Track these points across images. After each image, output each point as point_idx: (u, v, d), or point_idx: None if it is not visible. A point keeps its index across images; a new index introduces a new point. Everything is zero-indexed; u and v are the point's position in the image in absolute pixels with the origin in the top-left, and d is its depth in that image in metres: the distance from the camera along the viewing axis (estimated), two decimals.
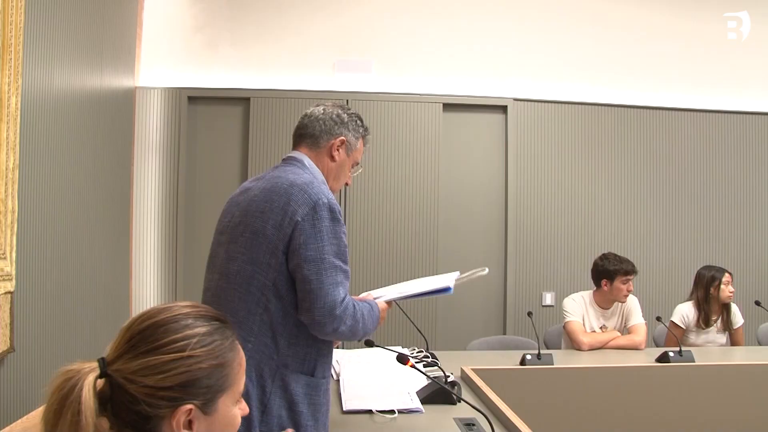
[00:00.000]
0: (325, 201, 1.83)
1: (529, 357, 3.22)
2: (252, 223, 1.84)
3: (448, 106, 4.90)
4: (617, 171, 5.04)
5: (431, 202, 4.84)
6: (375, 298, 2.08)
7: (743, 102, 5.16)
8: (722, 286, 4.02)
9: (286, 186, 1.86)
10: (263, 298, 1.80)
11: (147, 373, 1.01)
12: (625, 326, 3.86)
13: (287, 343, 1.82)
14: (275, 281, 1.80)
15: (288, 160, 2.05)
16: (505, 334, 4.72)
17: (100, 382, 1.01)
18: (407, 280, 4.58)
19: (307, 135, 2.07)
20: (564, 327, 3.85)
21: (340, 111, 2.09)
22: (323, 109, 2.08)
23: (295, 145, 2.11)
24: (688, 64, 5.12)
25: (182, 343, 1.05)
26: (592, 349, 3.69)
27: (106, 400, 1.01)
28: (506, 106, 4.93)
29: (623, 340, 3.77)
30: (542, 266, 4.94)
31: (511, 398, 2.46)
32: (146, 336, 1.04)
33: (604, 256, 3.88)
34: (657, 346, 4.12)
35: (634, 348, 3.72)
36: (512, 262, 4.90)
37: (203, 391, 1.06)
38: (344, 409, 2.42)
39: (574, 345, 3.75)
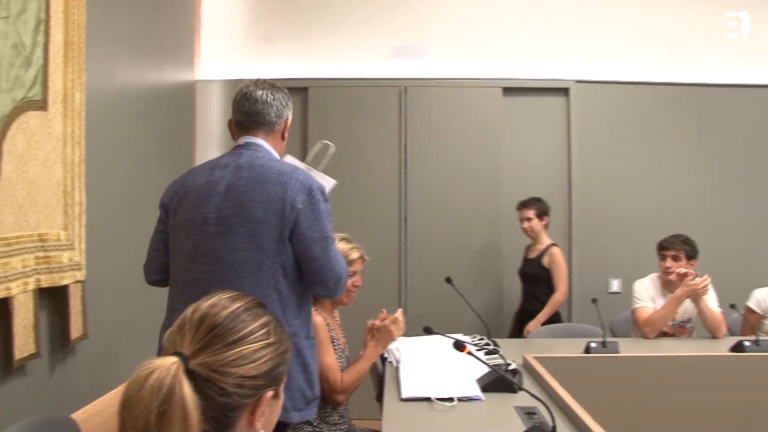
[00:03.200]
0: (316, 185, 2.02)
1: (593, 345, 3.13)
2: (251, 213, 1.96)
3: (509, 90, 4.82)
4: (687, 153, 4.85)
5: (493, 189, 4.77)
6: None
7: None
8: None
9: (275, 175, 1.99)
10: (272, 281, 1.96)
11: (239, 363, 1.01)
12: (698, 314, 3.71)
13: (294, 315, 2.02)
14: (283, 263, 1.97)
15: (251, 146, 2.13)
16: (570, 321, 4.63)
17: None
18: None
19: (264, 122, 2.15)
20: (632, 313, 3.74)
21: (281, 93, 2.20)
22: (269, 94, 2.16)
23: (250, 130, 2.16)
24: (765, 38, 4.87)
25: (263, 330, 1.06)
26: (659, 331, 3.56)
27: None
28: (568, 89, 4.81)
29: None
30: (608, 252, 4.81)
31: (574, 387, 2.40)
32: (229, 327, 1.03)
33: None
34: (733, 335, 3.95)
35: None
36: (577, 249, 4.79)
37: (278, 377, 1.08)
38: (402, 396, 2.41)
39: (640, 333, 3.64)
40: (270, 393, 1.06)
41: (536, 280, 4.23)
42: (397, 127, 4.80)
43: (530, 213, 4.25)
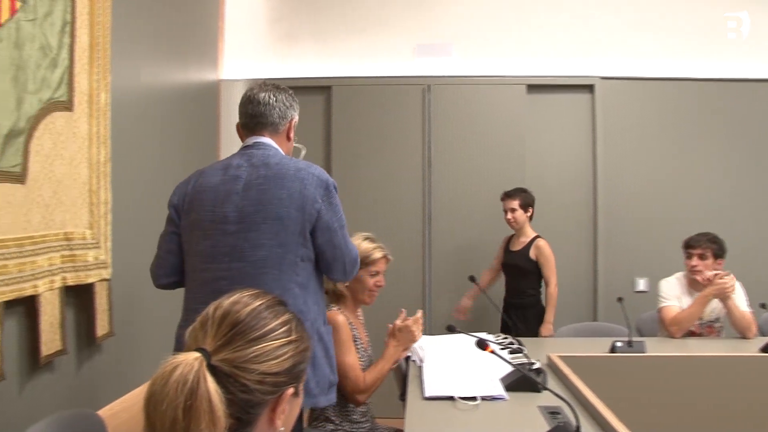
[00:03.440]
0: (331, 180, 2.11)
1: (619, 344, 3.10)
2: (273, 210, 2.02)
3: (532, 88, 4.78)
4: (715, 150, 4.77)
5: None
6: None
7: None
8: None
9: (293, 171, 2.06)
10: (293, 274, 2.04)
11: (261, 359, 1.02)
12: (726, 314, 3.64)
13: (313, 302, 2.10)
14: (303, 256, 2.05)
15: (259, 146, 2.18)
16: (595, 320, 4.58)
17: None
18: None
19: (267, 123, 2.20)
20: (658, 312, 3.69)
21: (285, 95, 2.26)
22: (272, 96, 2.22)
23: (255, 131, 2.22)
24: None
25: (285, 328, 1.07)
26: (686, 331, 3.51)
27: None
28: (593, 85, 4.76)
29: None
30: (634, 251, 4.75)
31: (599, 387, 2.37)
32: (251, 324, 1.04)
33: None
34: (765, 335, 3.88)
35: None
36: (602, 247, 4.74)
37: (299, 374, 1.09)
38: (425, 395, 2.41)
39: (666, 332, 3.59)
40: (291, 390, 1.07)
41: (522, 273, 4.16)
42: (421, 126, 4.79)
43: (514, 204, 4.18)
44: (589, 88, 4.79)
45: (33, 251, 2.17)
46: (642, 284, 4.72)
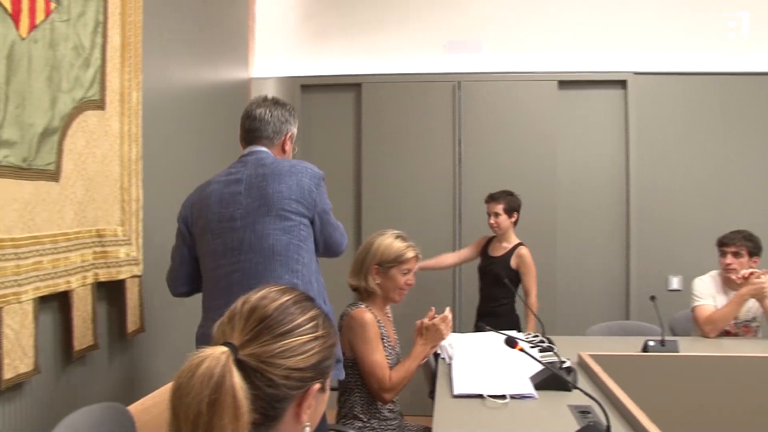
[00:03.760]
0: (321, 172, 2.34)
1: (651, 343, 3.05)
2: (275, 202, 2.21)
3: (564, 83, 4.73)
4: (751, 146, 4.67)
5: (548, 185, 4.70)
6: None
7: None
8: None
9: (288, 168, 2.27)
10: (298, 256, 2.22)
11: (288, 355, 1.02)
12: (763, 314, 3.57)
13: (315, 279, 2.27)
14: (303, 239, 2.24)
15: (254, 153, 2.37)
16: (627, 319, 4.52)
17: None
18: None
19: (262, 137, 2.39)
20: (692, 311, 3.63)
21: (282, 110, 2.43)
22: (268, 111, 2.40)
23: (251, 143, 2.41)
24: None
25: (312, 324, 1.08)
26: (720, 330, 3.44)
27: None
28: (626, 81, 4.69)
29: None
30: (668, 249, 4.68)
31: (631, 387, 2.34)
32: (278, 319, 1.05)
33: None
34: None
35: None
36: (635, 245, 4.67)
37: (326, 370, 1.09)
38: (454, 393, 2.40)
39: (701, 332, 3.52)
40: (317, 386, 1.07)
41: (499, 281, 3.91)
42: (451, 123, 4.77)
43: (499, 208, 3.99)
44: (621, 83, 4.72)
45: (66, 248, 2.21)
46: (675, 282, 4.64)
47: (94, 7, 2.39)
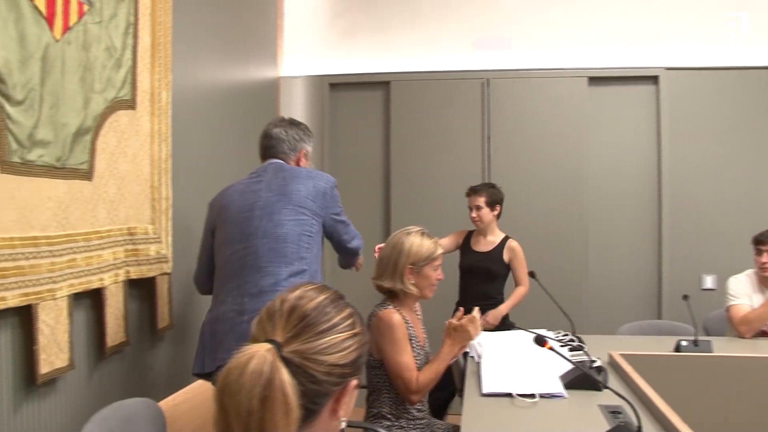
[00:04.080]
0: (335, 179, 2.55)
1: (684, 343, 3.00)
2: (293, 198, 2.41)
3: (594, 80, 4.67)
4: None
5: (578, 183, 4.64)
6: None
7: None
8: None
9: (306, 173, 2.51)
10: (307, 246, 2.40)
11: (330, 351, 1.05)
12: None
13: (318, 273, 2.45)
14: (313, 232, 2.43)
15: (272, 163, 2.55)
16: (659, 318, 4.46)
17: None
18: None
19: (278, 153, 2.59)
20: (726, 311, 3.56)
21: (296, 130, 2.63)
22: (283, 131, 2.60)
23: (268, 158, 2.60)
24: None
25: (349, 321, 1.10)
26: (756, 331, 3.37)
27: None
28: (657, 77, 4.61)
29: None
30: (702, 247, 4.59)
31: (663, 387, 2.30)
32: (318, 317, 1.07)
33: None
34: None
35: None
36: (667, 243, 4.60)
37: (361, 366, 1.12)
38: (483, 391, 2.39)
39: (736, 332, 3.46)
40: (355, 381, 1.10)
41: (491, 276, 3.84)
42: (480, 120, 4.75)
43: (480, 200, 3.87)
44: (653, 79, 4.64)
45: (99, 245, 2.25)
46: (709, 282, 4.56)
47: (125, 9, 2.42)
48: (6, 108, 1.81)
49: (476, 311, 2.62)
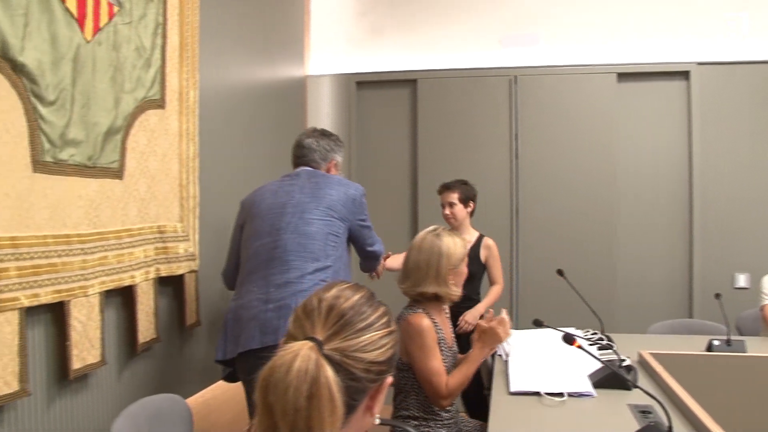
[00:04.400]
0: (364, 190, 2.67)
1: (716, 343, 2.95)
2: (324, 200, 2.52)
3: (623, 76, 4.61)
4: None
5: (608, 181, 4.59)
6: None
7: None
8: None
9: (337, 180, 2.64)
10: (333, 244, 2.50)
11: (369, 349, 1.06)
12: None
13: (341, 272, 2.52)
14: (339, 233, 2.53)
15: (304, 170, 2.67)
16: (690, 317, 4.39)
17: None
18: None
19: (309, 163, 2.71)
20: (760, 310, 3.50)
21: (328, 140, 2.76)
22: (315, 141, 2.73)
23: (300, 166, 2.72)
24: None
25: (385, 319, 1.12)
26: None
27: None
28: (688, 72, 4.53)
29: None
30: (735, 246, 4.51)
31: (694, 387, 2.27)
32: (356, 315, 1.08)
33: None
34: None
35: None
36: (699, 241, 4.53)
37: (395, 363, 1.14)
38: (511, 390, 2.38)
39: None
40: (390, 378, 1.12)
41: (469, 277, 3.40)
42: (508, 118, 4.72)
43: (454, 197, 3.77)
44: (684, 74, 4.57)
45: (130, 243, 2.28)
46: (742, 280, 4.48)
47: (154, 9, 2.45)
48: (39, 108, 1.84)
49: (504, 312, 2.60)
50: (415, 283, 2.54)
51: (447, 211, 3.80)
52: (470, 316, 3.64)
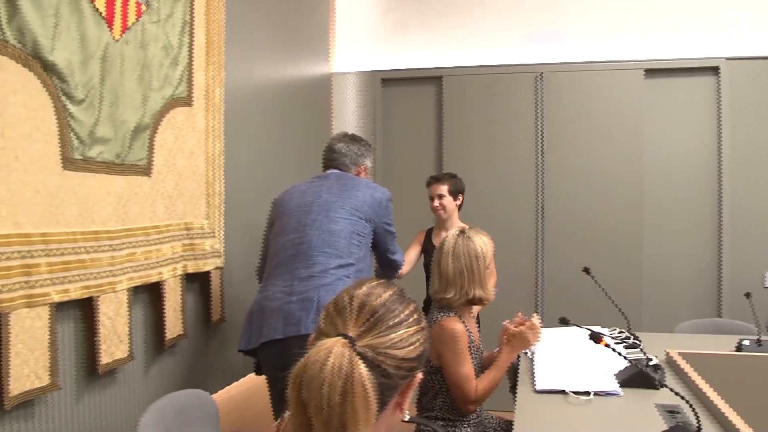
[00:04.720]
0: (390, 194, 2.72)
1: (746, 343, 2.91)
2: (351, 201, 2.57)
3: (651, 72, 4.55)
4: None
5: (634, 178, 4.54)
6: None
7: None
8: None
9: (365, 182, 2.70)
10: (358, 243, 2.54)
11: (401, 345, 1.06)
12: None
13: (366, 266, 2.58)
14: (364, 234, 2.58)
15: (335, 173, 2.74)
16: (719, 317, 4.33)
17: None
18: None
19: (339, 167, 2.77)
20: None
21: (358, 145, 2.83)
22: (346, 146, 2.80)
23: (330, 169, 2.78)
24: None
25: (415, 316, 1.12)
26: None
27: None
28: (718, 67, 4.47)
29: None
30: (764, 244, 4.44)
31: (723, 387, 2.23)
32: (388, 312, 1.08)
33: None
34: None
35: None
36: (728, 240, 4.46)
37: (424, 360, 1.14)
38: (537, 388, 2.36)
39: None
40: (420, 375, 1.12)
41: None
42: (533, 115, 4.69)
43: (443, 189, 3.74)
44: (713, 70, 4.50)
45: (158, 240, 2.31)
46: None
47: (181, 8, 2.47)
48: (68, 107, 1.87)
49: (536, 317, 2.59)
50: (461, 291, 2.49)
51: (436, 203, 3.78)
52: None
